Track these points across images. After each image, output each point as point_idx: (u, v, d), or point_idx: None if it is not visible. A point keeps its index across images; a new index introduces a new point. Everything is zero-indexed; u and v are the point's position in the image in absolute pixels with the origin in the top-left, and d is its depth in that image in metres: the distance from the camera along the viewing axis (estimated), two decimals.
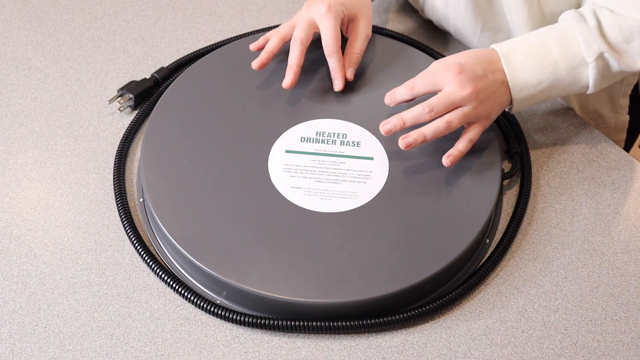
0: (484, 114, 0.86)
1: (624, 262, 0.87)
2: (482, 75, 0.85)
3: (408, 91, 0.87)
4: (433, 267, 0.80)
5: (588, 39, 0.86)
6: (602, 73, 0.87)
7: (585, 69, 0.87)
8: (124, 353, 0.79)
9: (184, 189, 0.86)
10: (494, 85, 0.86)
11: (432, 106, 0.84)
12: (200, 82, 0.97)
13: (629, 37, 0.86)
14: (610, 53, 0.86)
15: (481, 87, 0.84)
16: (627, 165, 0.96)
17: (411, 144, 0.85)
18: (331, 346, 0.80)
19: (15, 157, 0.95)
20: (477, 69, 0.85)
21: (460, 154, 0.86)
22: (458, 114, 0.84)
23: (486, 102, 0.86)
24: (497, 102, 0.87)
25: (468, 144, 0.86)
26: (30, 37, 1.10)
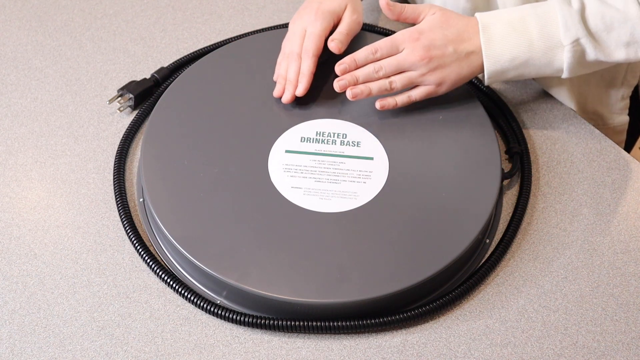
0: (433, 81, 0.89)
1: (624, 262, 0.87)
2: (439, 45, 0.87)
3: (371, 55, 0.90)
4: (433, 267, 0.80)
5: (567, 22, 0.86)
6: (577, 59, 0.88)
7: (561, 52, 0.87)
8: (124, 353, 0.79)
9: (184, 189, 0.86)
10: (452, 56, 0.88)
11: (381, 66, 0.89)
12: (200, 82, 0.97)
13: (610, 26, 0.86)
14: (587, 39, 0.86)
15: (434, 55, 0.87)
16: (627, 165, 0.96)
17: (357, 95, 0.89)
18: (331, 346, 0.80)
19: (15, 157, 0.95)
20: (437, 38, 0.88)
21: (394, 104, 0.91)
22: (403, 77, 0.89)
23: (437, 71, 0.88)
24: (453, 73, 0.89)
25: (406, 99, 0.91)
26: (30, 37, 1.10)
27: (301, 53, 0.93)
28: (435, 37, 0.87)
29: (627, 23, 0.86)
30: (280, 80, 0.94)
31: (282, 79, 0.94)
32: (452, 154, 0.90)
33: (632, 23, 0.86)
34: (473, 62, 0.89)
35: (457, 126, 0.92)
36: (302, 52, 0.93)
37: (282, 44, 0.97)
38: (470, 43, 0.88)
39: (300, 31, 0.94)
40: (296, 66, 0.93)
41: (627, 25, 0.86)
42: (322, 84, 0.96)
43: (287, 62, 0.94)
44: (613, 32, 0.86)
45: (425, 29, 0.88)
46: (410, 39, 0.87)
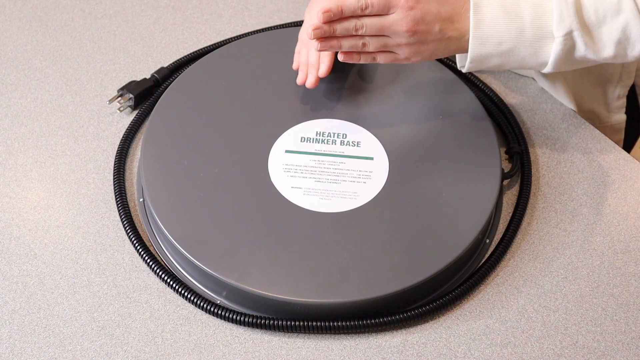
0: (405, 53, 0.85)
1: (624, 262, 0.87)
2: (429, 21, 0.83)
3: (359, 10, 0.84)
4: (433, 267, 0.80)
5: (562, 13, 0.84)
6: (566, 53, 0.85)
7: (550, 44, 0.85)
8: (124, 353, 0.79)
9: (184, 189, 0.86)
10: (435, 35, 0.84)
11: (363, 25, 0.83)
12: (200, 82, 0.97)
13: (602, 19, 0.84)
14: (580, 32, 0.84)
15: (420, 30, 0.83)
16: (627, 165, 0.96)
17: (325, 49, 0.84)
18: (331, 346, 0.80)
19: (15, 157, 0.95)
20: (430, 13, 0.83)
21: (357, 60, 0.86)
22: (378, 42, 0.84)
23: (414, 46, 0.84)
24: (428, 50, 0.85)
25: (370, 60, 0.86)
26: (30, 37, 1.10)
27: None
28: (428, 11, 0.83)
29: (619, 16, 0.84)
30: (302, 68, 0.94)
31: (304, 65, 0.94)
32: (452, 154, 0.90)
33: (625, 16, 0.84)
34: (450, 46, 0.86)
35: (457, 126, 0.92)
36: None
37: (299, 34, 0.97)
38: (456, 27, 0.85)
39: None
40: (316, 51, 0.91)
41: (619, 18, 0.84)
42: (322, 84, 0.96)
43: (307, 49, 0.93)
44: (605, 26, 0.84)
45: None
46: (405, 6, 0.82)
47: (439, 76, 0.98)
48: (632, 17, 0.84)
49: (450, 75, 0.98)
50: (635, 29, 0.84)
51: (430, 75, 0.98)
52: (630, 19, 0.84)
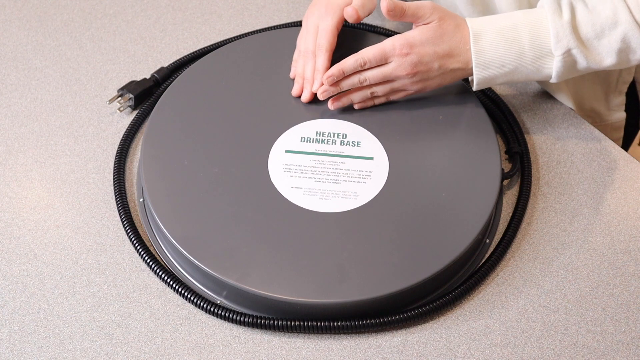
0: (413, 89, 0.91)
1: (624, 262, 0.87)
2: (426, 62, 0.88)
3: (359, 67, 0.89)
4: (433, 267, 0.80)
5: (559, 33, 0.86)
6: (567, 68, 0.88)
7: (550, 61, 0.88)
8: (124, 353, 0.79)
9: (184, 189, 0.86)
10: (437, 72, 0.89)
11: (366, 78, 0.90)
12: (200, 82, 0.97)
13: (600, 33, 0.87)
14: (578, 49, 0.87)
15: (420, 71, 0.89)
16: (627, 165, 0.96)
17: (338, 106, 0.93)
18: (331, 346, 0.80)
19: (15, 157, 0.95)
20: (426, 54, 0.88)
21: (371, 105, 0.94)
22: (385, 87, 0.91)
23: (420, 83, 0.90)
24: (434, 83, 0.91)
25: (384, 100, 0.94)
26: (30, 37, 1.10)
27: (315, 50, 0.93)
28: (425, 53, 0.88)
29: (617, 28, 0.86)
30: (298, 79, 0.95)
31: (300, 77, 0.95)
32: (452, 154, 0.90)
33: (622, 28, 0.86)
34: (457, 75, 0.91)
35: (457, 126, 0.92)
36: (316, 49, 0.93)
37: (297, 41, 0.98)
38: (458, 59, 0.89)
39: (313, 27, 0.94)
40: (312, 64, 0.93)
41: (617, 30, 0.86)
42: None
43: (304, 60, 0.95)
44: (604, 39, 0.87)
45: (416, 43, 0.88)
46: (400, 53, 0.87)
47: None
48: (630, 27, 0.86)
49: None
50: (635, 37, 0.86)
51: None
52: (628, 29, 0.86)
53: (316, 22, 0.95)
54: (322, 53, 0.93)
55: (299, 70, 0.95)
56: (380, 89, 0.91)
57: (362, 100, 0.92)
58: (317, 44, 0.93)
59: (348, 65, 0.89)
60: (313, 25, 0.95)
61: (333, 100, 0.92)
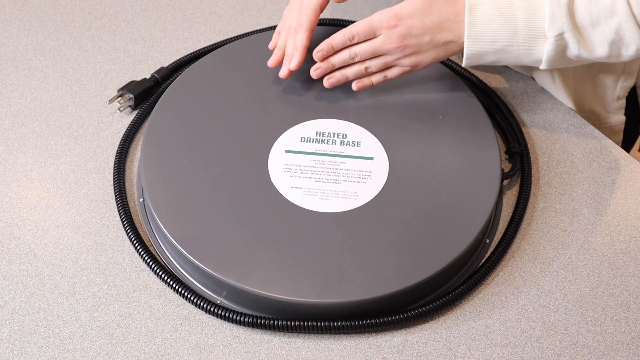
0: (408, 63, 0.90)
1: (624, 262, 0.87)
2: (416, 34, 0.87)
3: (348, 41, 0.90)
4: (433, 267, 0.80)
5: (555, 14, 0.85)
6: (559, 52, 0.87)
7: (543, 43, 0.87)
8: (124, 353, 0.79)
9: (184, 189, 0.86)
10: (427, 45, 0.88)
11: (356, 53, 0.89)
12: (200, 82, 0.97)
13: (596, 21, 0.86)
14: (571, 34, 0.86)
15: (410, 44, 0.88)
16: (627, 165, 0.96)
17: (334, 83, 0.92)
18: (331, 346, 0.80)
19: (15, 157, 0.95)
20: (415, 26, 0.87)
21: (370, 84, 0.92)
22: (378, 61, 0.90)
23: (412, 56, 0.89)
24: (428, 57, 0.89)
25: (382, 78, 0.92)
26: (30, 37, 1.10)
27: (297, 27, 0.93)
28: (413, 25, 0.87)
29: (613, 18, 0.85)
30: (277, 52, 0.95)
31: (279, 50, 0.95)
32: (452, 154, 0.90)
33: (618, 19, 0.85)
34: (450, 48, 0.89)
35: (457, 126, 0.92)
36: (297, 26, 0.93)
37: (283, 14, 0.97)
38: (449, 32, 0.88)
39: (298, 3, 0.94)
40: (293, 41, 0.93)
41: (613, 20, 0.85)
42: (322, 83, 0.96)
43: (286, 35, 0.95)
44: (598, 28, 0.86)
45: (404, 15, 0.87)
46: (387, 25, 0.87)
47: (439, 76, 0.98)
48: (626, 20, 0.86)
49: (450, 75, 0.98)
50: (629, 30, 0.86)
51: (431, 75, 0.98)
52: (623, 21, 0.85)
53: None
54: (302, 31, 0.92)
55: (280, 43, 0.95)
56: (373, 62, 0.90)
57: (357, 76, 0.91)
58: (298, 21, 0.93)
59: (337, 40, 0.89)
60: (299, 0, 0.94)
61: (328, 78, 0.92)
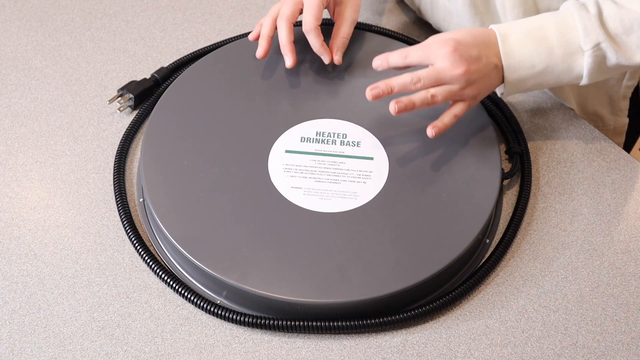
0: (471, 94, 0.87)
1: (624, 262, 0.87)
2: (476, 58, 0.86)
3: (401, 59, 0.88)
4: (433, 267, 0.80)
5: (587, 27, 0.86)
6: (598, 64, 0.87)
7: (581, 57, 0.87)
8: (124, 353, 0.79)
9: (184, 189, 0.86)
10: (485, 69, 0.86)
11: (419, 77, 0.85)
12: (200, 82, 0.97)
13: (629, 29, 0.86)
14: (608, 43, 0.86)
15: (473, 69, 0.85)
16: (627, 165, 0.96)
17: (402, 110, 0.85)
18: (331, 346, 0.80)
19: (15, 157, 0.95)
20: (472, 50, 0.86)
21: (444, 127, 0.87)
22: (444, 90, 0.86)
23: (474, 84, 0.86)
24: (485, 85, 0.88)
25: (453, 118, 0.88)
26: (30, 37, 1.10)
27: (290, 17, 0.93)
28: (471, 49, 0.85)
29: None
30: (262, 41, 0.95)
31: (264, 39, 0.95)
32: (452, 154, 0.90)
33: None
34: (499, 73, 0.88)
35: (457, 126, 0.92)
36: (304, 26, 0.93)
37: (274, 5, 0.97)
38: (495, 55, 0.87)
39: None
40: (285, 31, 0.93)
41: None
42: (323, 84, 0.96)
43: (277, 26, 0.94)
44: (633, 34, 0.86)
45: (460, 39, 0.86)
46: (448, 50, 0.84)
47: None
48: None
49: None
50: None
51: None
52: None
53: None
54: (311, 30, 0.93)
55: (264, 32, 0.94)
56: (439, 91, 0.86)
57: (423, 103, 0.86)
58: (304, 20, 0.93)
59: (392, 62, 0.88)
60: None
61: (395, 102, 0.85)
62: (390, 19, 1.13)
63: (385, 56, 0.89)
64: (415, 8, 1.10)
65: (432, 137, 0.87)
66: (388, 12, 1.14)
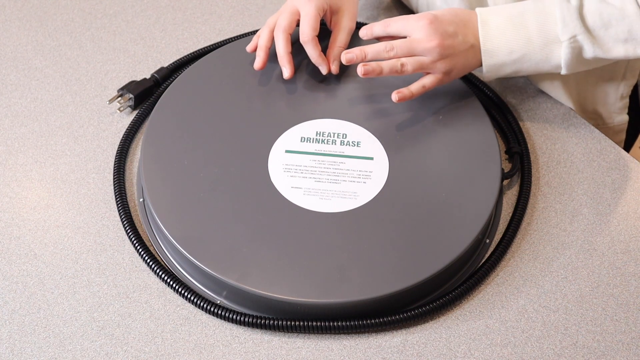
0: (443, 68, 0.89)
1: (624, 262, 0.87)
2: (452, 34, 0.88)
3: (383, 28, 0.90)
4: (433, 267, 0.80)
5: (566, 18, 0.87)
6: (575, 55, 0.89)
7: (558, 48, 0.88)
8: (124, 353, 0.79)
9: (184, 189, 0.86)
10: (461, 46, 0.88)
11: (392, 46, 0.88)
12: (200, 82, 0.97)
13: (607, 23, 0.87)
14: (584, 36, 0.87)
15: (447, 44, 0.87)
16: (627, 165, 0.96)
17: (369, 73, 0.88)
18: (331, 346, 0.80)
19: (15, 157, 0.95)
20: (449, 26, 0.88)
21: (410, 94, 0.90)
22: (415, 61, 0.88)
23: (447, 59, 0.88)
24: (460, 63, 0.89)
25: (420, 88, 0.90)
26: (30, 37, 1.10)
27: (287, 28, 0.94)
28: (447, 25, 0.88)
29: (624, 20, 0.87)
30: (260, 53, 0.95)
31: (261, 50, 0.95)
32: (452, 154, 0.90)
33: (629, 20, 0.87)
34: (476, 53, 0.90)
35: (457, 126, 0.92)
36: (301, 36, 0.94)
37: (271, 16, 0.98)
38: (473, 35, 0.89)
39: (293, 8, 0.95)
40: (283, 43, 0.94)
41: (624, 22, 0.87)
42: (323, 84, 0.96)
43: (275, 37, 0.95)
44: (611, 29, 0.87)
45: (438, 15, 0.88)
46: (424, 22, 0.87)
47: None
48: (636, 20, 0.87)
49: None
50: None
51: None
52: (634, 21, 0.87)
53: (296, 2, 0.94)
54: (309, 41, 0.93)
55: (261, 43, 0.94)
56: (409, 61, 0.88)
57: (392, 70, 0.88)
58: (302, 31, 0.93)
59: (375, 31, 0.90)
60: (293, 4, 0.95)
61: (363, 65, 0.88)
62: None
63: (370, 26, 0.91)
64: (412, 8, 1.11)
65: (396, 101, 0.89)
66: (385, 12, 1.14)
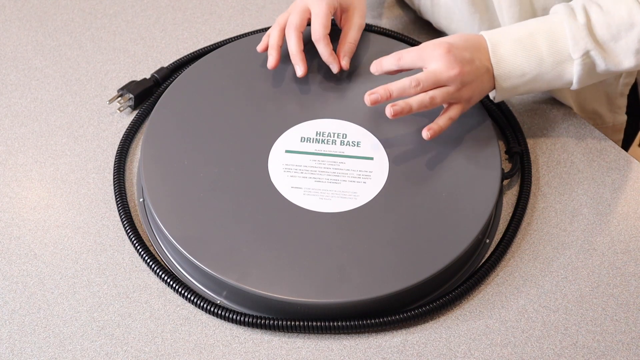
0: (466, 96, 0.88)
1: (624, 262, 0.87)
2: (469, 60, 0.87)
3: (395, 61, 0.89)
4: (433, 267, 0.80)
5: (576, 36, 0.87)
6: (587, 71, 0.88)
7: (570, 65, 0.88)
8: (124, 353, 0.79)
9: (184, 189, 0.86)
10: (478, 71, 0.88)
11: (418, 81, 0.86)
12: (200, 82, 0.97)
13: (616, 35, 0.87)
14: (596, 51, 0.87)
15: (467, 71, 0.86)
16: (627, 165, 0.96)
17: (398, 113, 0.86)
18: (331, 346, 0.80)
19: (15, 157, 0.95)
20: (465, 52, 0.87)
21: (439, 129, 0.88)
22: (442, 92, 0.86)
23: (469, 86, 0.87)
24: (479, 87, 0.89)
25: (448, 121, 0.88)
26: (30, 37, 1.10)
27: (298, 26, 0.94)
28: (463, 52, 0.87)
29: (633, 30, 0.87)
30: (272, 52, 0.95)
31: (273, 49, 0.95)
32: (452, 154, 0.90)
33: (638, 29, 0.86)
34: (491, 77, 0.89)
35: (457, 126, 0.92)
36: (313, 35, 0.94)
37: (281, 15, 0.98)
38: (486, 58, 0.88)
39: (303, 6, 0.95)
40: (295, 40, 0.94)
41: (633, 31, 0.87)
42: (323, 84, 0.96)
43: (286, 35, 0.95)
44: (620, 41, 0.87)
45: (452, 42, 0.87)
46: (442, 52, 0.86)
47: None
48: None
49: None
50: None
51: None
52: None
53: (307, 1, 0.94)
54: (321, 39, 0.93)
55: (272, 42, 0.95)
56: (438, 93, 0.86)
57: (421, 106, 0.86)
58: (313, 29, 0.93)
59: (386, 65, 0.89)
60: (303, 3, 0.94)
61: (392, 105, 0.85)
62: (390, 19, 1.13)
63: (379, 61, 0.90)
64: (415, 7, 1.11)
65: (428, 139, 0.87)
66: (388, 11, 1.14)
